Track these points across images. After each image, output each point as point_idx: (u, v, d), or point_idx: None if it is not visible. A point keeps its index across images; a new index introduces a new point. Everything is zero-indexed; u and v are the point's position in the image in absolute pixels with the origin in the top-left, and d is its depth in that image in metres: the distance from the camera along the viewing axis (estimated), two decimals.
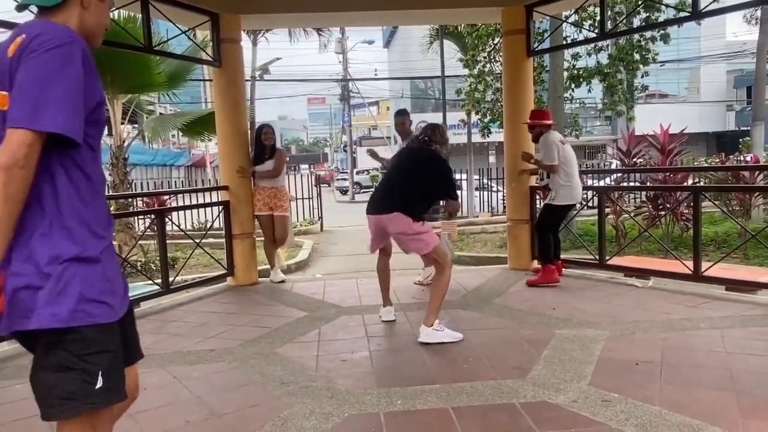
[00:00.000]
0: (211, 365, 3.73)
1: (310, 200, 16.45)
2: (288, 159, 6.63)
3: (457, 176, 17.20)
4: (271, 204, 6.22)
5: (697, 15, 5.21)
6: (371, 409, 2.97)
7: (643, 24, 10.23)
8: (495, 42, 12.67)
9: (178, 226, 6.92)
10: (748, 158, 12.73)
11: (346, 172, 35.19)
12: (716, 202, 8.36)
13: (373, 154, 6.36)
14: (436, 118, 30.86)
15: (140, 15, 5.28)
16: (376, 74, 39.31)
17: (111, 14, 5.71)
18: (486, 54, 13.15)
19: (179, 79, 9.16)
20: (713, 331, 3.95)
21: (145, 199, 11.22)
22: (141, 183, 18.74)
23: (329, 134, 69.76)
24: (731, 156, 14.49)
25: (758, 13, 20.54)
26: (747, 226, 8.76)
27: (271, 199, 6.21)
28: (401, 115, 6.02)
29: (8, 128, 1.42)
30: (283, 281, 6.26)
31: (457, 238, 12.55)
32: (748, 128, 16.80)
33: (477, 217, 16.15)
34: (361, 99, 35.48)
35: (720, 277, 5.08)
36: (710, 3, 5.27)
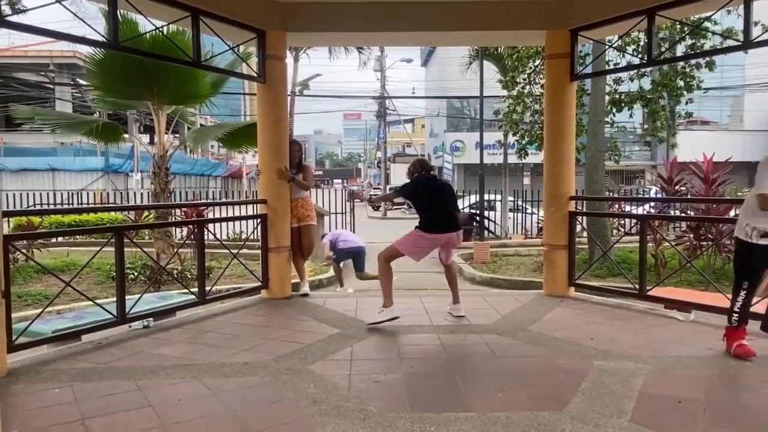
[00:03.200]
0: (245, 379, 3.74)
1: (343, 215, 16.52)
2: (313, 183, 6.75)
3: (492, 197, 17.19)
4: (299, 215, 6.36)
5: (748, 44, 5.08)
6: None
7: (689, 51, 10.07)
8: (535, 64, 12.62)
9: (216, 237, 7.01)
10: None
11: (380, 188, 35.28)
12: None
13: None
14: (470, 137, 30.83)
15: (190, 30, 5.41)
16: (413, 92, 39.52)
17: (163, 28, 5.82)
18: (525, 76, 13.10)
19: (217, 88, 9.40)
20: (760, 370, 3.80)
21: (183, 208, 11.42)
22: (180, 192, 19.12)
23: (363, 150, 70.21)
24: None
25: None
26: None
27: (298, 210, 6.36)
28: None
29: None
30: (306, 295, 6.31)
31: (489, 259, 12.43)
32: None
33: (510, 238, 15.98)
34: (397, 116, 35.67)
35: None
36: (763, 33, 5.15)
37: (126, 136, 15.97)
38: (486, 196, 16.49)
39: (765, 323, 4.35)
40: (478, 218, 15.97)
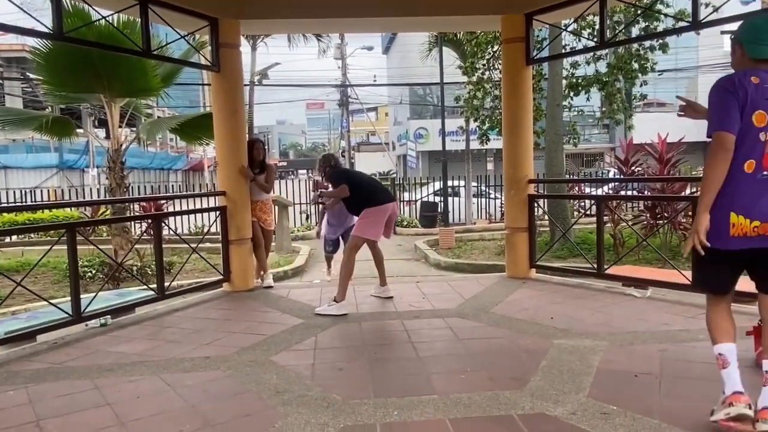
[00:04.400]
0: (206, 373, 3.69)
1: (308, 205, 16.44)
2: (277, 175, 6.94)
3: (455, 183, 17.30)
4: (257, 216, 6.37)
5: (697, 25, 5.20)
6: (367, 419, 2.93)
7: (643, 33, 10.25)
8: (494, 50, 12.69)
9: (174, 231, 6.87)
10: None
11: None
12: None
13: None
14: (434, 124, 30.88)
15: (139, 19, 5.26)
16: (375, 80, 39.37)
17: (110, 18, 5.67)
18: (485, 61, 13.16)
19: (171, 79, 9.17)
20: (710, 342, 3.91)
21: (141, 203, 11.18)
22: (138, 186, 18.69)
23: (327, 139, 69.82)
24: None
25: None
26: None
27: (257, 213, 6.36)
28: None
29: None
30: (270, 287, 6.28)
31: (454, 245, 12.52)
32: None
33: (474, 223, 16.13)
34: (359, 104, 35.51)
35: None
36: (710, 13, 5.27)
37: (80, 130, 15.53)
38: (450, 183, 16.60)
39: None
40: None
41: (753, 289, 5.16)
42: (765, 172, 2.55)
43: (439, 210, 16.31)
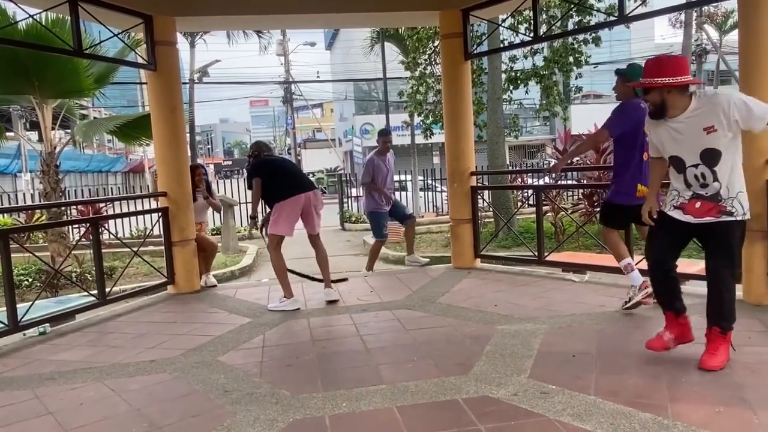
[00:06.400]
0: (151, 376, 3.64)
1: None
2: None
3: (402, 177, 17.43)
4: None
5: (623, 19, 5.45)
6: (316, 413, 2.96)
7: (575, 27, 10.61)
8: (435, 45, 12.86)
9: (115, 235, 6.69)
10: None
11: None
12: None
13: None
14: (379, 119, 30.98)
15: (69, 17, 5.09)
16: (318, 76, 39.17)
17: (38, 16, 5.49)
18: (427, 56, 13.33)
19: (105, 79, 8.89)
20: (646, 322, 4.13)
21: (79, 207, 10.81)
22: (75, 190, 17.99)
23: (273, 137, 68.97)
24: None
25: (682, 17, 21.61)
26: None
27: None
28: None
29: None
30: (214, 286, 6.32)
31: (402, 239, 12.64)
32: None
33: (422, 217, 16.32)
34: (304, 101, 35.24)
35: None
36: (636, 7, 5.53)
37: (11, 134, 14.85)
38: (397, 177, 16.69)
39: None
40: None
41: (681, 269, 5.51)
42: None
43: None
